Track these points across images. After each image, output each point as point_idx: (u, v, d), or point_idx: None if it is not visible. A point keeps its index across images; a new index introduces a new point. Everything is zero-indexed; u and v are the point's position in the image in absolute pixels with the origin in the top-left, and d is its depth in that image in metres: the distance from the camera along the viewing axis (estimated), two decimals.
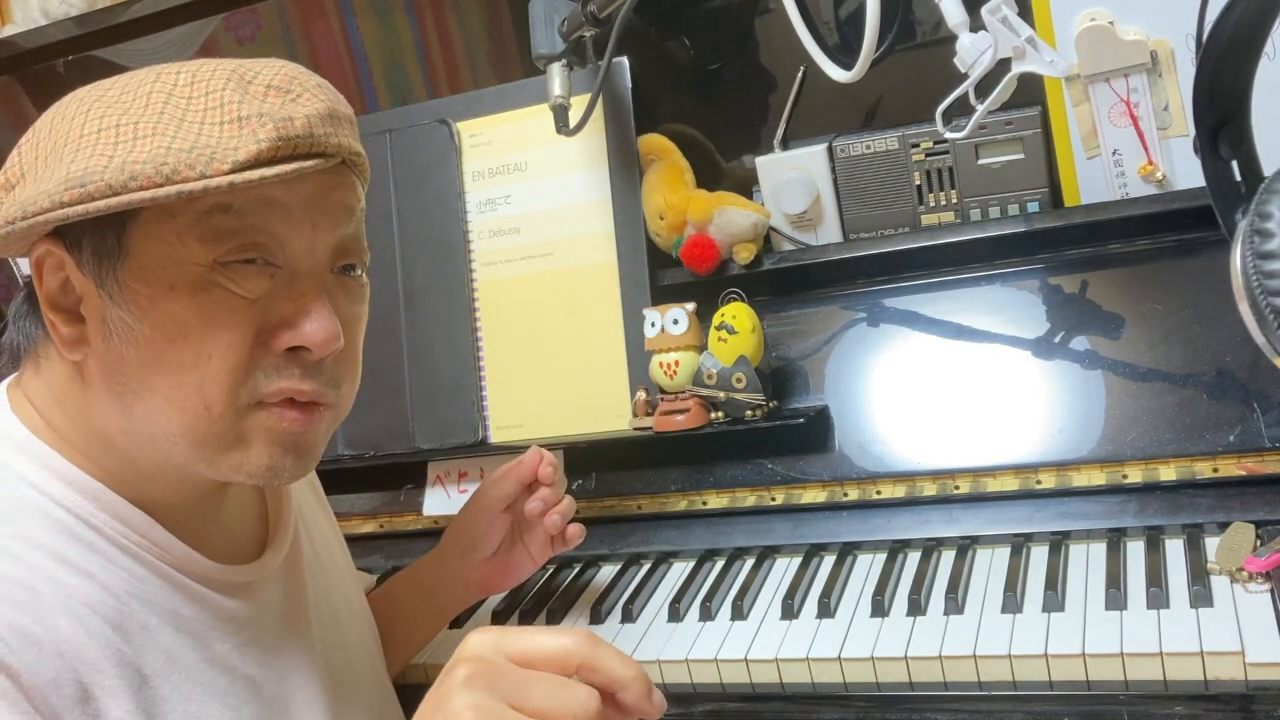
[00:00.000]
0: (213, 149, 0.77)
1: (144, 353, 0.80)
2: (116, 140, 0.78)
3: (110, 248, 0.80)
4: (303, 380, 0.83)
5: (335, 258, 0.86)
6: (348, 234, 0.86)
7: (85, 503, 0.83)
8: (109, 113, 0.80)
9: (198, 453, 0.82)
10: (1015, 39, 1.06)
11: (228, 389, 0.81)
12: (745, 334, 1.26)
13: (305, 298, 0.83)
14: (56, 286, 0.83)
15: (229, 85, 0.80)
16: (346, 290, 0.88)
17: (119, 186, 0.76)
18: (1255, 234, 0.81)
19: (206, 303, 0.80)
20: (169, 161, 0.76)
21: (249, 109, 0.79)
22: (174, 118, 0.79)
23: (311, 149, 0.80)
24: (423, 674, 1.20)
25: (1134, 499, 1.12)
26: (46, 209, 0.77)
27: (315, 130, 0.80)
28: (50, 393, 0.86)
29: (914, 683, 1.01)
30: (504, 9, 1.54)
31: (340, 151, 0.83)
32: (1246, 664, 0.90)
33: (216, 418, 0.81)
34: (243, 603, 0.91)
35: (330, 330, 0.83)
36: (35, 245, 0.83)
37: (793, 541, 1.24)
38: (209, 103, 0.79)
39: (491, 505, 1.13)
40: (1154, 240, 1.21)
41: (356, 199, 0.88)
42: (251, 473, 0.84)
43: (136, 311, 0.80)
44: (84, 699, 0.77)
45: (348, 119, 0.85)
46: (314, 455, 0.88)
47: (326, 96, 0.83)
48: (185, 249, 0.79)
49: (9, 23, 1.83)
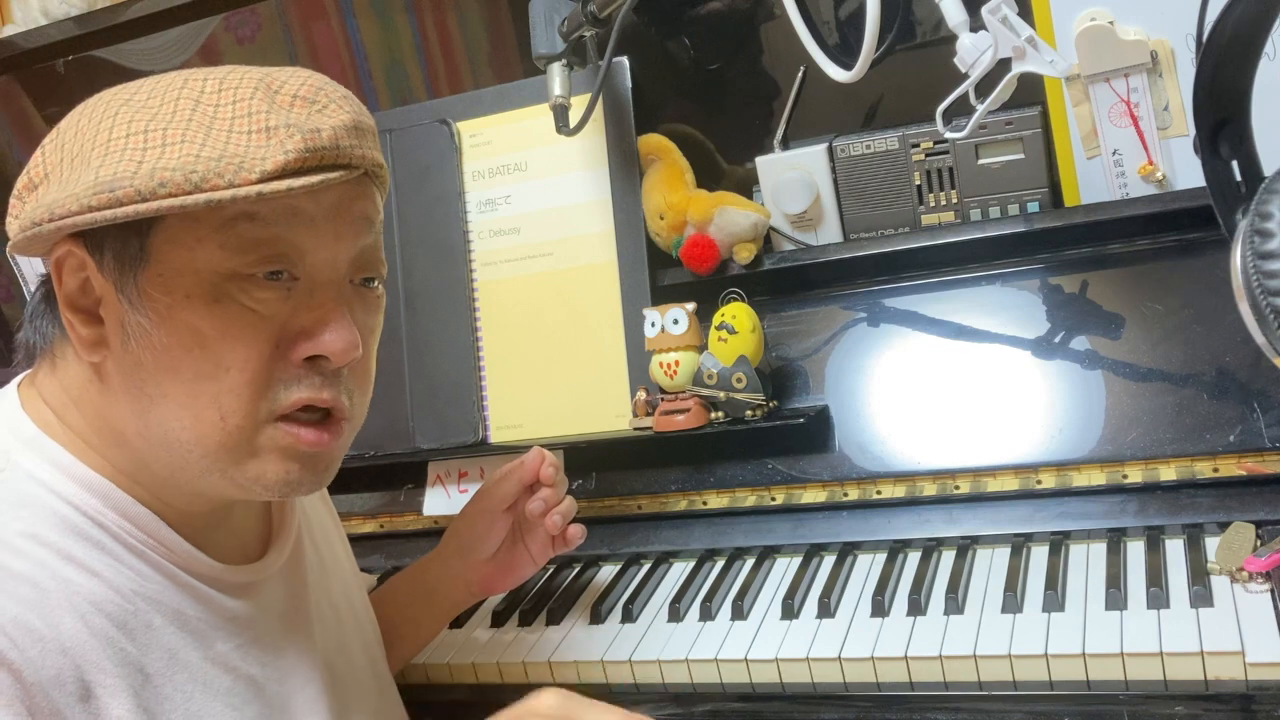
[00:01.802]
0: (241, 158, 0.78)
1: (161, 359, 0.81)
2: (145, 145, 0.78)
3: (133, 253, 0.80)
4: (322, 389, 0.84)
5: (355, 269, 0.87)
6: (367, 245, 0.87)
7: (93, 500, 0.83)
8: (137, 117, 0.80)
9: (211, 462, 0.83)
10: (1015, 39, 1.06)
11: (246, 401, 0.81)
12: (745, 334, 1.26)
13: (325, 308, 0.83)
14: (76, 288, 0.83)
15: (256, 94, 0.80)
16: (364, 301, 0.88)
17: (148, 193, 0.76)
18: (1255, 234, 0.81)
19: (222, 315, 0.80)
20: (198, 169, 0.77)
21: (276, 119, 0.79)
22: (202, 125, 0.79)
23: (337, 160, 0.81)
24: (423, 674, 1.20)
25: (1134, 499, 1.12)
26: (75, 212, 0.77)
27: (341, 142, 0.80)
28: (66, 393, 0.86)
29: (914, 683, 1.01)
30: (504, 9, 1.54)
31: (364, 163, 0.83)
32: (1246, 664, 0.90)
33: (232, 429, 0.82)
34: (245, 603, 0.91)
35: (350, 340, 0.83)
36: (56, 245, 0.83)
37: (793, 541, 1.24)
38: (236, 111, 0.79)
39: (493, 506, 1.13)
40: (1154, 240, 1.21)
41: (377, 210, 0.88)
42: (269, 486, 0.84)
43: (154, 318, 0.80)
44: (85, 696, 0.77)
45: (371, 131, 0.85)
46: (331, 471, 0.88)
47: (352, 108, 0.83)
48: (207, 256, 0.80)
49: (9, 23, 1.83)
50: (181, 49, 1.70)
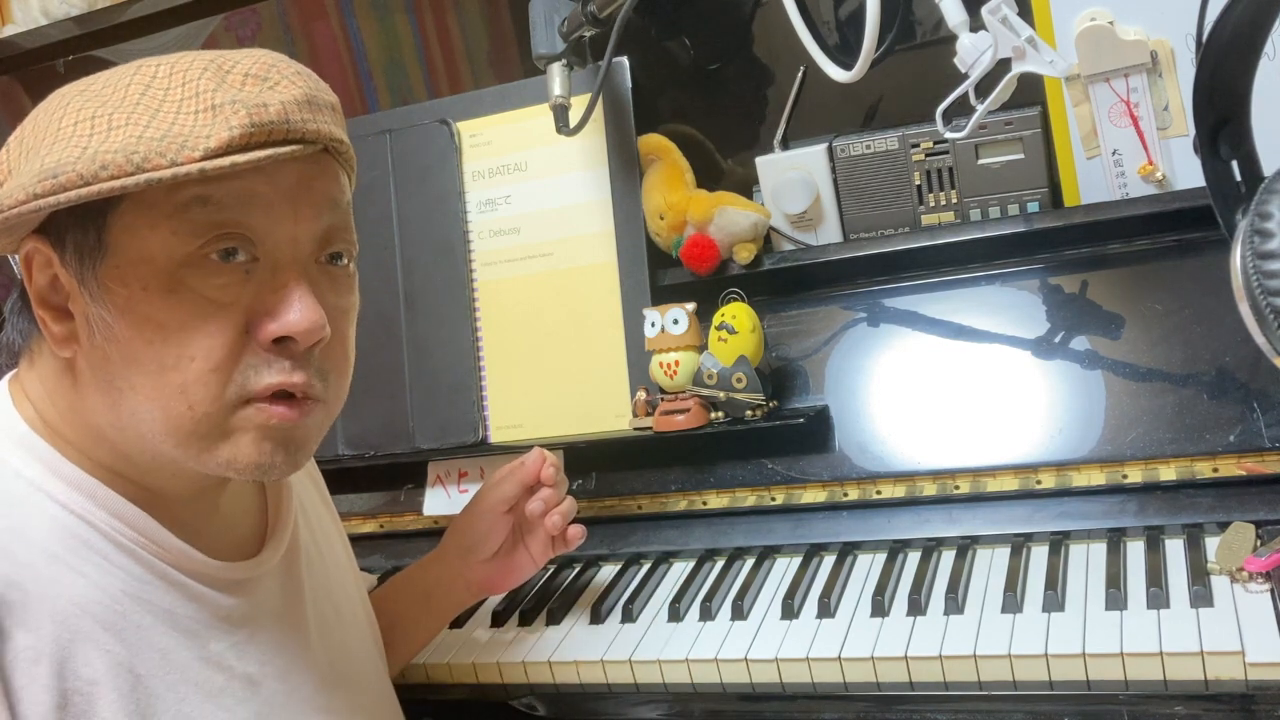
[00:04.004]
0: (184, 137, 0.76)
1: (125, 352, 0.80)
2: (92, 131, 0.77)
3: (91, 244, 0.79)
4: (293, 372, 0.82)
5: (319, 247, 0.85)
6: (332, 223, 0.85)
7: (83, 500, 0.83)
8: (87, 105, 0.79)
9: (184, 450, 0.82)
10: (1015, 39, 1.06)
11: (212, 389, 0.80)
12: (745, 334, 1.26)
13: (287, 287, 0.81)
14: (46, 284, 0.82)
15: (205, 74, 0.79)
16: (333, 280, 0.86)
17: (90, 176, 0.75)
18: (1255, 234, 0.81)
19: (179, 305, 0.79)
20: (139, 150, 0.76)
21: (223, 96, 0.78)
22: (149, 108, 0.78)
23: (288, 135, 0.79)
24: (423, 674, 1.20)
25: (1134, 499, 1.12)
26: (21, 201, 0.77)
27: (291, 116, 0.79)
28: (43, 388, 0.86)
29: (914, 683, 1.01)
30: (504, 9, 1.54)
31: (320, 138, 0.81)
32: (1246, 664, 0.90)
33: (201, 416, 0.80)
34: (240, 600, 0.90)
35: (314, 318, 0.81)
36: (24, 242, 0.82)
37: (793, 541, 1.24)
38: (185, 92, 0.78)
39: (493, 506, 1.13)
40: (1154, 240, 1.21)
41: (340, 189, 0.86)
42: (242, 468, 0.83)
43: (114, 311, 0.79)
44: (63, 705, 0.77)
45: (329, 106, 0.83)
46: (305, 451, 0.86)
47: (305, 84, 0.81)
48: (161, 242, 0.79)
49: (9, 23, 1.83)
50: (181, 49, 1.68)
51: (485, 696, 1.17)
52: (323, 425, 0.88)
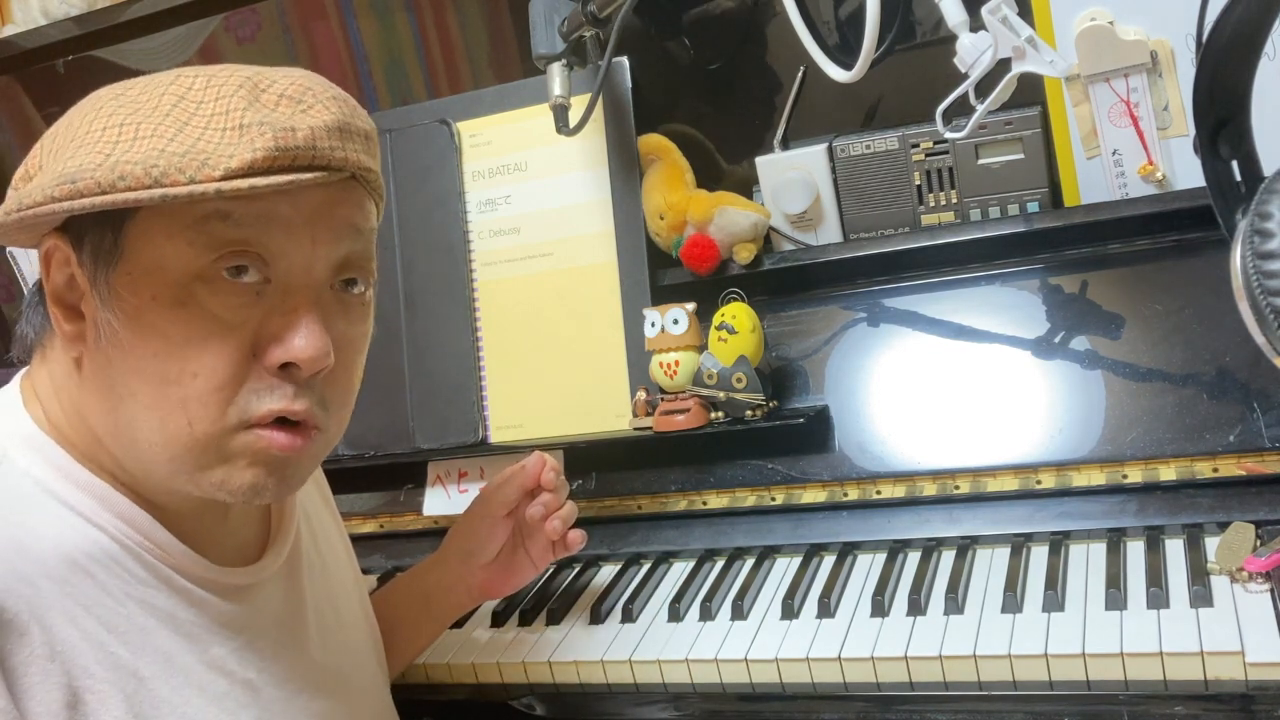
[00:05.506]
0: (207, 155, 0.76)
1: (128, 359, 0.79)
2: (118, 139, 0.77)
3: (107, 247, 0.79)
4: (295, 399, 0.81)
5: (335, 273, 0.84)
6: (351, 250, 0.84)
7: (90, 502, 0.82)
8: (119, 110, 0.79)
9: (178, 465, 0.81)
10: (1015, 39, 1.06)
11: (213, 408, 0.79)
12: (745, 334, 1.26)
13: (296, 313, 0.80)
14: (62, 282, 0.82)
15: (239, 91, 0.78)
16: (346, 307, 0.85)
17: (107, 185, 0.75)
18: (1255, 234, 0.81)
19: (187, 319, 0.78)
20: (159, 164, 0.75)
21: (253, 116, 0.77)
22: (178, 121, 0.77)
23: (313, 161, 0.78)
24: (423, 674, 1.20)
25: (1134, 499, 1.12)
26: (39, 202, 0.77)
27: (319, 142, 0.78)
28: (52, 385, 0.86)
29: (914, 683, 1.01)
30: (504, 9, 1.54)
31: (347, 166, 0.80)
32: (1246, 664, 0.90)
33: (200, 435, 0.80)
34: (241, 606, 0.90)
35: (319, 346, 0.80)
36: (44, 238, 0.82)
37: (793, 541, 1.24)
38: (216, 108, 0.78)
39: (493, 510, 1.13)
40: (1154, 240, 1.21)
41: (365, 217, 0.85)
42: (233, 491, 0.82)
43: (122, 317, 0.79)
44: (73, 704, 0.77)
45: (362, 134, 0.82)
46: (299, 478, 0.86)
47: (340, 109, 0.80)
48: (176, 253, 0.78)
49: (9, 23, 1.83)
50: (181, 49, 1.70)
51: (485, 697, 1.17)
52: (320, 454, 0.87)
